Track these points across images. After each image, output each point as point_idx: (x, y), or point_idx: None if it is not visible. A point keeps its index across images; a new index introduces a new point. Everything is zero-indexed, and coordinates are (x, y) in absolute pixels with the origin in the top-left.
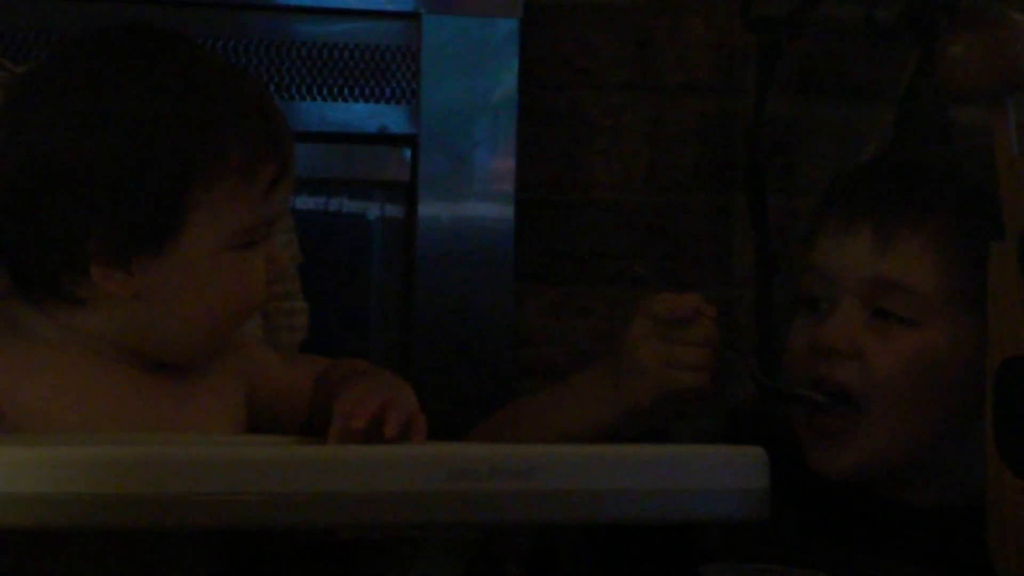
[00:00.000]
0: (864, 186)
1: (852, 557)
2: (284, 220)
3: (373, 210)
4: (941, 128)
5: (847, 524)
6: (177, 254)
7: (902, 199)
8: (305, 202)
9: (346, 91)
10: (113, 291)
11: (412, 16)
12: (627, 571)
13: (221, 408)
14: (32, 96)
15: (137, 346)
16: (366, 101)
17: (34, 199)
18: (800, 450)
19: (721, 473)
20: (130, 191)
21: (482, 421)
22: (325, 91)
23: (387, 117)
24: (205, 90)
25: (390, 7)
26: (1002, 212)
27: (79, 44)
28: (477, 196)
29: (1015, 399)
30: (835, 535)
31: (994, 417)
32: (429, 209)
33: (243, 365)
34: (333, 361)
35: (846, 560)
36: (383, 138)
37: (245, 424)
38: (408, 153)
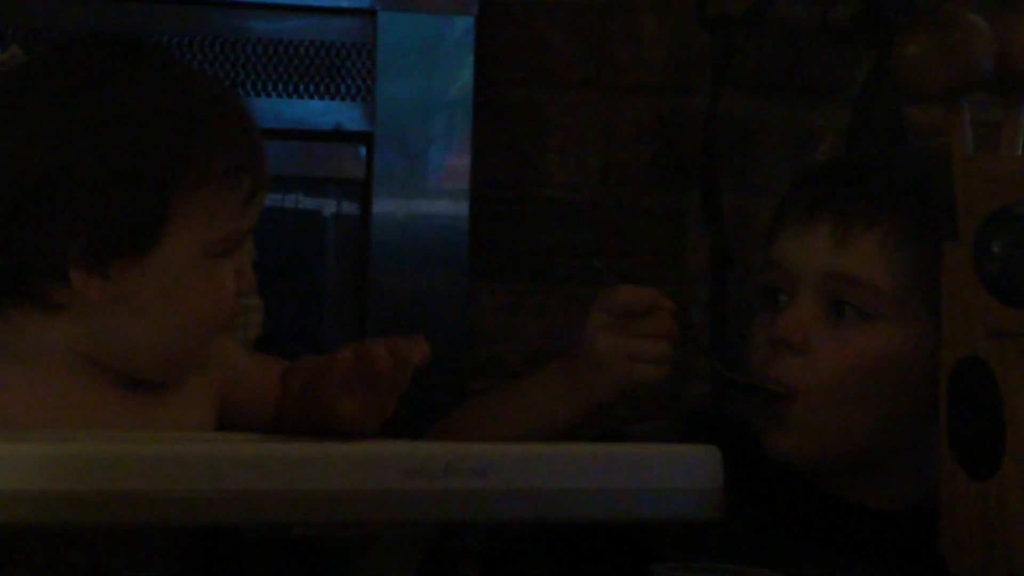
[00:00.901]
0: (825, 182)
1: (806, 556)
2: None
3: (328, 207)
4: (896, 128)
5: (801, 523)
6: (156, 260)
7: (861, 195)
8: None
9: (301, 88)
10: (91, 296)
11: (368, 13)
12: (581, 570)
13: (191, 422)
14: (15, 102)
15: (107, 357)
16: (321, 98)
17: (17, 203)
18: (755, 448)
19: (675, 472)
20: (115, 196)
21: (438, 421)
22: (280, 87)
23: (342, 114)
24: (191, 97)
25: (346, 4)
26: (957, 212)
27: (61, 51)
28: (432, 193)
29: (968, 399)
30: (789, 534)
31: (947, 417)
32: (384, 206)
33: (214, 368)
34: (292, 362)
35: (800, 559)
36: (338, 135)
37: (212, 425)
38: (363, 150)
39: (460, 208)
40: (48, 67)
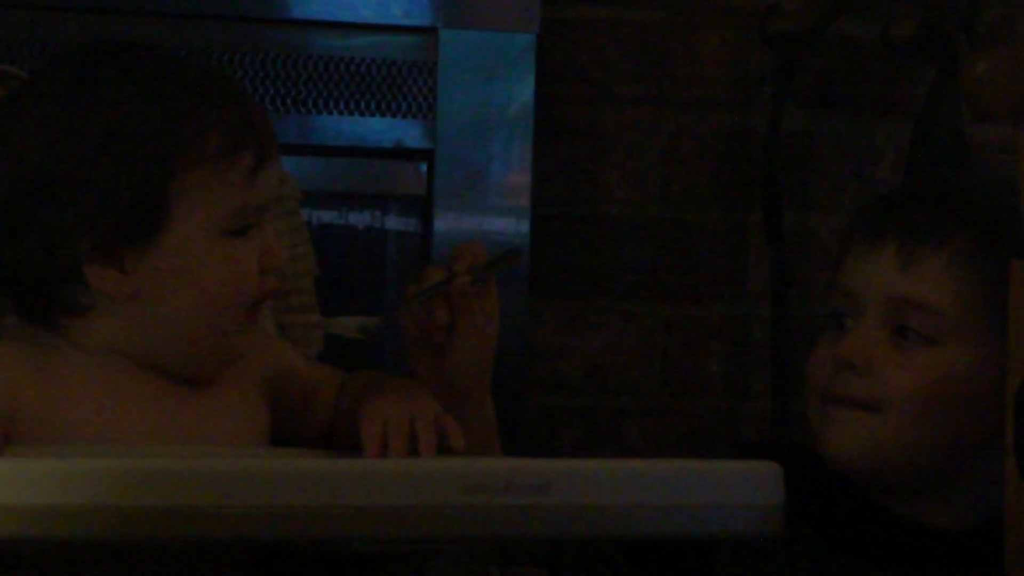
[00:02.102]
0: (890, 208)
1: (869, 575)
2: (296, 230)
3: (389, 224)
4: (957, 145)
5: (863, 542)
6: (166, 245)
7: (925, 220)
8: (321, 216)
9: (363, 105)
10: (109, 291)
11: (429, 30)
12: None
13: (244, 418)
14: (9, 115)
15: (145, 352)
16: (383, 115)
17: (23, 211)
18: (816, 468)
19: (736, 488)
20: (112, 187)
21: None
22: (342, 105)
23: (403, 131)
24: (176, 84)
25: (407, 21)
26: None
27: (51, 63)
28: (492, 210)
29: None
30: (851, 553)
31: (1015, 437)
32: (444, 223)
33: (267, 366)
34: (351, 373)
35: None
36: (399, 152)
37: (268, 430)
38: (424, 167)
39: (521, 225)
40: (38, 78)
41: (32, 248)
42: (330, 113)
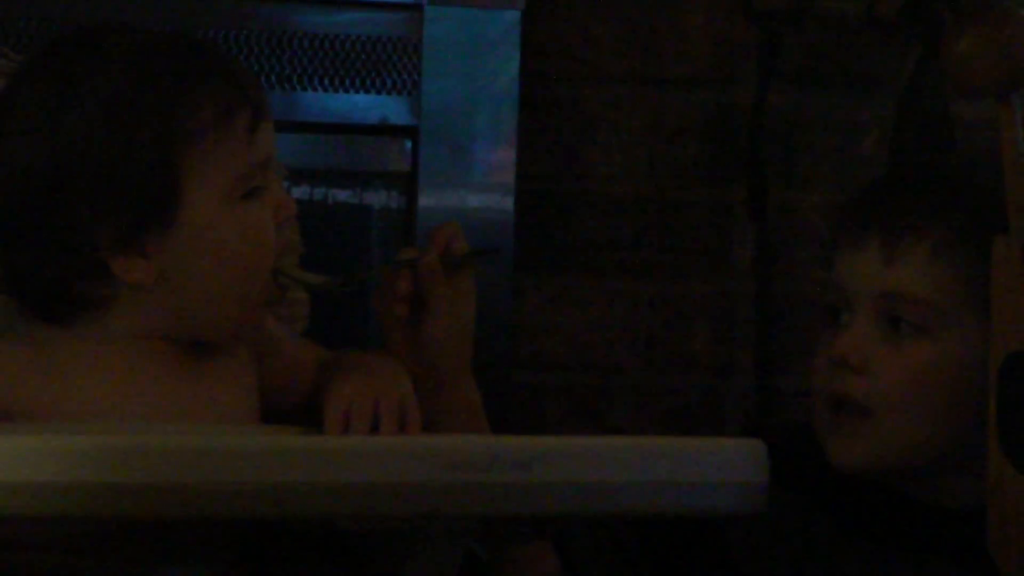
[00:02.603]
0: (872, 203)
1: (886, 558)
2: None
3: (373, 201)
4: (942, 122)
5: (879, 526)
6: (184, 222)
7: (907, 211)
8: (306, 193)
9: (347, 82)
10: (137, 280)
11: (414, 7)
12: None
13: (241, 391)
14: (5, 111)
15: (173, 331)
16: (367, 92)
17: (35, 215)
18: (822, 452)
19: (720, 466)
20: (120, 175)
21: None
22: (327, 82)
23: (388, 108)
24: (164, 64)
25: None
26: (1007, 207)
27: (35, 58)
28: (477, 187)
29: (1018, 393)
30: (869, 537)
31: (997, 411)
32: (429, 200)
33: (256, 341)
34: (334, 352)
35: (880, 561)
36: (384, 129)
37: (258, 404)
38: (409, 144)
39: (505, 202)
40: (27, 73)
41: (51, 250)
42: (315, 90)
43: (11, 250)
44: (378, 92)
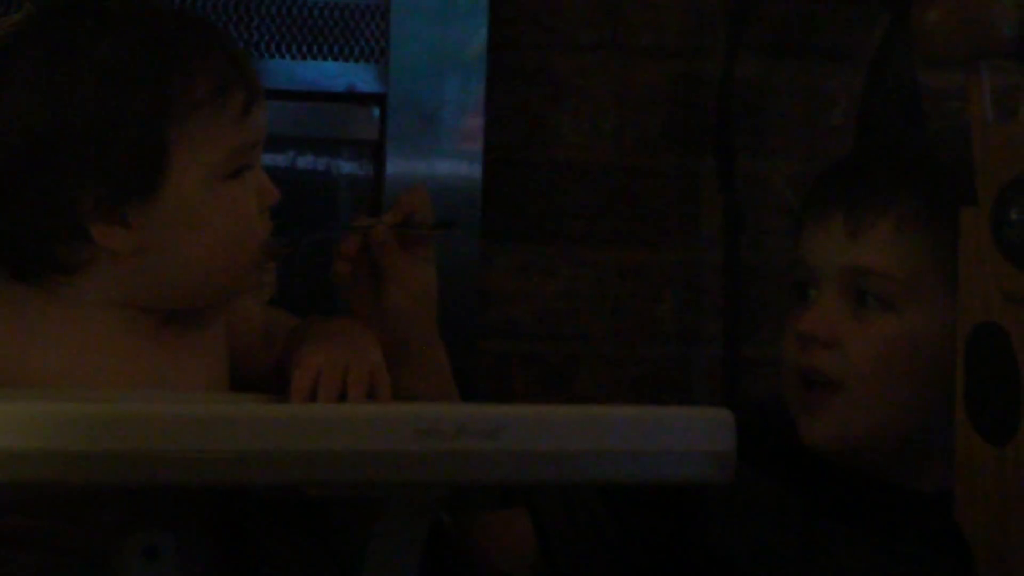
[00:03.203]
0: (837, 178)
1: (859, 540)
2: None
3: (341, 168)
4: (910, 92)
5: (852, 509)
6: (168, 195)
7: (870, 186)
8: (274, 159)
9: (315, 49)
10: (115, 247)
11: None
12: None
13: (212, 359)
14: (1, 70)
15: (148, 301)
16: (335, 59)
17: (19, 175)
18: (795, 434)
19: (688, 434)
20: (110, 142)
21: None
22: (294, 49)
23: (355, 75)
24: (162, 34)
25: None
26: (975, 178)
27: (30, 22)
28: (445, 155)
29: (985, 365)
30: (842, 520)
31: (965, 383)
32: (397, 167)
33: (227, 310)
34: (304, 319)
35: (853, 542)
36: (351, 96)
37: (228, 372)
38: (376, 112)
39: (473, 170)
40: (26, 33)
41: (32, 210)
42: (282, 57)
43: (2, 208)
44: (346, 59)
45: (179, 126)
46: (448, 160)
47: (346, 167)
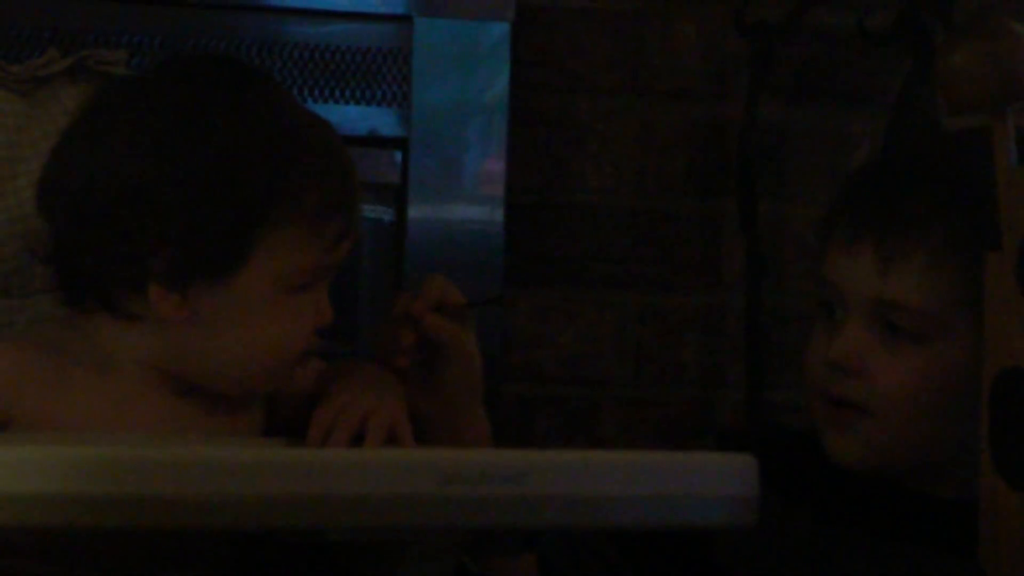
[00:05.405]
0: (866, 200)
1: (875, 547)
2: None
3: (363, 212)
4: (933, 136)
5: (866, 514)
6: (234, 287)
7: (901, 215)
8: None
9: (337, 93)
10: (165, 312)
11: (404, 19)
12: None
13: (248, 418)
14: (115, 113)
15: (179, 370)
16: (357, 103)
17: (106, 211)
18: (813, 447)
19: (712, 480)
20: (203, 218)
21: None
22: (316, 93)
23: (378, 119)
24: (289, 131)
25: (382, 9)
26: (1000, 222)
27: (164, 68)
28: (467, 199)
29: (1010, 411)
30: (854, 525)
31: (989, 428)
32: (419, 212)
33: None
34: (333, 363)
35: (860, 549)
36: (374, 140)
37: (262, 433)
38: (398, 156)
39: (495, 214)
40: (145, 84)
41: (109, 245)
42: (304, 101)
43: (78, 236)
44: (368, 103)
45: (273, 230)
46: (470, 204)
47: (368, 211)
